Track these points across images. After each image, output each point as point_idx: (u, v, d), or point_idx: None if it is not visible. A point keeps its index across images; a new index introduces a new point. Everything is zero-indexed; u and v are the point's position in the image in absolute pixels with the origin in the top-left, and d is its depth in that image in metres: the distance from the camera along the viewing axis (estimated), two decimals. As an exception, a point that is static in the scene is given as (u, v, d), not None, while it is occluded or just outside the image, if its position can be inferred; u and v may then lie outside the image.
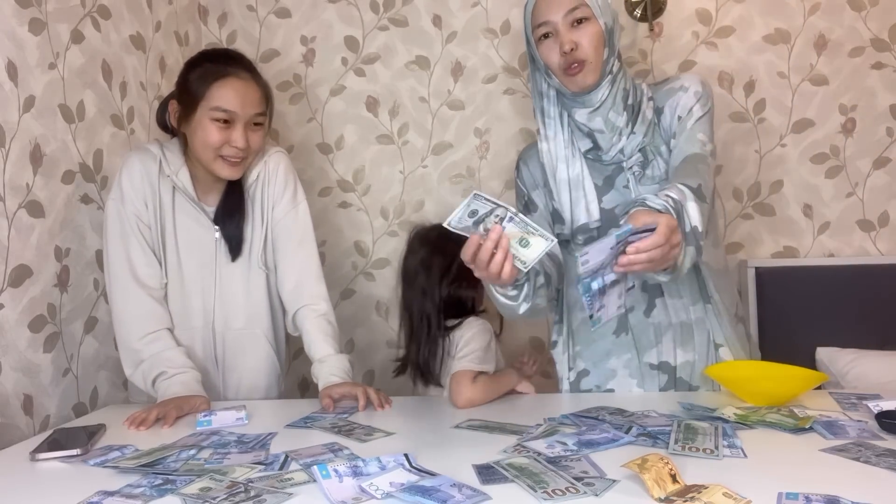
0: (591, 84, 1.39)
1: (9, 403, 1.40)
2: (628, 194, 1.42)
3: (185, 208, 1.54)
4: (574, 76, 1.38)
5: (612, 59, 1.39)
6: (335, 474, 0.98)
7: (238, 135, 1.45)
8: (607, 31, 1.38)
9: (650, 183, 1.41)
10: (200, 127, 1.45)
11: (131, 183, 1.50)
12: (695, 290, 1.45)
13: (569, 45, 1.35)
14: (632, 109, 1.41)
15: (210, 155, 1.47)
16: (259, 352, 1.61)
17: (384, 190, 2.27)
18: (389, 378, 2.26)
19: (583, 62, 1.36)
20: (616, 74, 1.40)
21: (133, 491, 0.99)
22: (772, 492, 0.90)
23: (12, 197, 1.43)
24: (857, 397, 1.35)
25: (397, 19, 2.23)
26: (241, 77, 1.47)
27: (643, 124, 1.42)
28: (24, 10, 1.47)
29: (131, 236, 1.50)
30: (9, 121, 1.43)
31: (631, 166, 1.43)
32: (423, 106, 2.24)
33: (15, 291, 1.43)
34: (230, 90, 1.45)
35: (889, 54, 2.08)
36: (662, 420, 1.23)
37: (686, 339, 1.46)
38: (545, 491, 0.91)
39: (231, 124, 1.45)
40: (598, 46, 1.36)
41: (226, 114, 1.44)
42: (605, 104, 1.40)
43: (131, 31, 1.86)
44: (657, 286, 1.44)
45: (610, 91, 1.39)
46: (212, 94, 1.44)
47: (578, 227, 1.46)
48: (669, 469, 0.92)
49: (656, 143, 1.42)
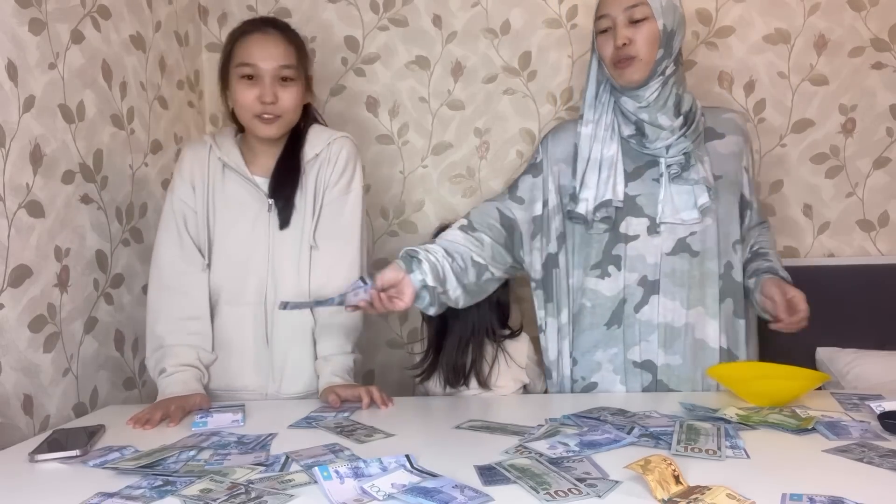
0: (638, 80, 1.42)
1: (9, 403, 1.39)
2: (655, 187, 1.46)
3: (236, 185, 1.55)
4: (622, 70, 1.42)
5: (665, 61, 1.42)
6: (336, 475, 0.97)
7: (265, 90, 1.45)
8: (665, 33, 1.40)
9: (683, 184, 1.45)
10: (234, 90, 1.49)
11: (180, 172, 1.55)
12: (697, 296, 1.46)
13: (622, 39, 1.40)
14: (685, 117, 1.45)
15: (247, 115, 1.49)
16: (306, 333, 1.55)
17: (384, 190, 2.27)
18: (390, 378, 2.27)
19: (633, 58, 1.40)
20: (669, 77, 1.43)
21: (133, 492, 0.99)
22: (775, 493, 0.90)
23: (12, 197, 1.43)
24: (858, 398, 1.35)
25: (397, 19, 2.22)
26: (265, 31, 1.49)
27: (694, 133, 1.46)
28: (24, 10, 1.47)
29: (173, 226, 1.53)
30: (9, 121, 1.42)
31: (670, 164, 1.46)
32: (423, 106, 2.24)
33: (15, 291, 1.43)
34: (251, 44, 1.47)
35: (889, 54, 2.08)
36: (664, 420, 1.23)
37: (671, 341, 1.46)
38: (547, 492, 0.91)
39: (257, 79, 1.46)
40: (651, 45, 1.40)
41: (249, 68, 1.46)
42: (655, 104, 1.43)
43: (131, 31, 1.86)
44: (655, 282, 1.46)
45: (661, 93, 1.42)
46: (236, 51, 1.48)
47: (602, 203, 1.47)
48: (672, 470, 0.92)
49: (700, 153, 1.47)
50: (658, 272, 1.45)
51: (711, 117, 1.53)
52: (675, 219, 1.45)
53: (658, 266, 1.45)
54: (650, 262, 1.46)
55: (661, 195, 1.46)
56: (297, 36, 1.55)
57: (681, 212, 1.45)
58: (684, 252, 1.45)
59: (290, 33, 1.53)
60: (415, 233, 2.25)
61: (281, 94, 1.47)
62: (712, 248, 1.46)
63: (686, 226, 1.45)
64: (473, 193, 2.23)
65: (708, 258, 1.46)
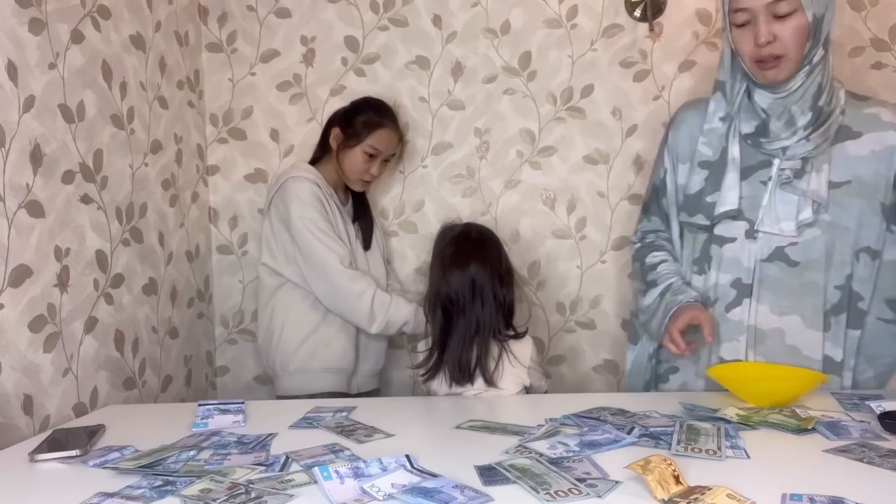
0: (783, 79, 1.31)
1: (9, 403, 1.39)
2: (761, 191, 1.38)
3: (336, 212, 1.93)
4: (766, 71, 1.31)
5: (815, 51, 1.29)
6: (336, 475, 0.97)
7: (376, 167, 1.96)
8: (814, 22, 1.26)
9: (791, 192, 1.36)
10: (354, 155, 1.93)
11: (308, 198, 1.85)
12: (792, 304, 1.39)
13: (765, 37, 1.27)
14: (818, 112, 1.33)
15: (355, 176, 1.95)
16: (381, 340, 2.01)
17: (384, 190, 2.26)
18: (390, 378, 2.27)
19: (780, 57, 1.29)
20: (815, 65, 1.30)
21: (133, 492, 0.99)
22: (776, 493, 0.90)
23: (12, 197, 1.43)
24: (858, 398, 1.35)
25: (397, 19, 2.22)
26: (392, 128, 1.99)
27: (821, 136, 1.34)
28: (24, 10, 1.47)
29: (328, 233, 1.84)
30: (9, 121, 1.42)
31: (784, 168, 1.37)
32: (423, 106, 2.24)
33: (15, 291, 1.43)
34: (384, 136, 1.95)
35: (889, 54, 2.08)
36: (664, 421, 1.23)
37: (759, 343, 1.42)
38: (547, 492, 0.91)
39: (374, 159, 1.94)
40: (800, 41, 1.27)
41: (376, 151, 1.94)
42: (794, 95, 1.32)
43: (131, 31, 1.86)
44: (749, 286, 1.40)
45: (803, 82, 1.31)
46: (372, 136, 1.93)
47: (725, 212, 1.41)
48: (672, 470, 0.92)
49: (821, 159, 1.35)
50: (752, 277, 1.40)
51: (852, 112, 1.37)
52: (774, 228, 1.38)
53: (752, 271, 1.40)
54: (745, 266, 1.41)
55: (765, 200, 1.38)
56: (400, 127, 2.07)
57: (781, 222, 1.37)
58: (780, 261, 1.39)
59: (399, 127, 2.05)
60: (415, 233, 2.25)
61: (381, 169, 2.00)
62: (818, 260, 1.37)
63: (784, 236, 1.38)
64: (473, 193, 2.23)
65: (810, 269, 1.38)
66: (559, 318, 2.22)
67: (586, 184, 2.19)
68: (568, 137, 2.19)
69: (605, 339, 2.21)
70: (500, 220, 2.22)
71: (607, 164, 2.19)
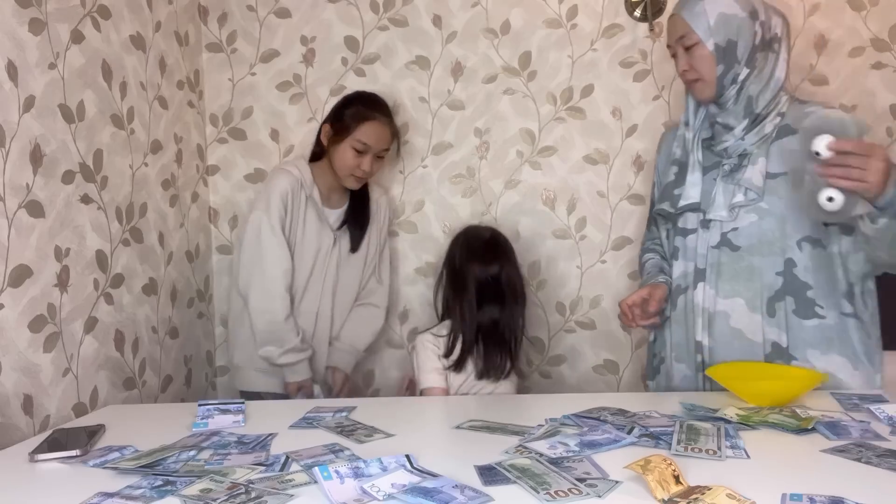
0: (709, 98, 1.53)
1: (9, 403, 1.39)
2: (713, 185, 1.54)
3: (313, 216, 1.92)
4: (692, 90, 1.56)
5: (731, 72, 1.49)
6: (336, 475, 0.97)
7: (367, 163, 1.88)
8: (719, 50, 1.48)
9: (730, 182, 1.52)
10: (343, 150, 1.87)
11: (278, 194, 1.85)
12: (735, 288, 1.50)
13: (682, 66, 1.53)
14: (754, 118, 1.51)
15: (345, 172, 1.89)
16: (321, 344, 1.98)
17: (385, 190, 2.26)
18: (390, 378, 2.27)
19: (697, 80, 1.52)
20: (743, 82, 1.49)
21: (133, 492, 0.99)
22: (776, 493, 0.90)
23: (12, 197, 1.43)
24: (858, 398, 1.35)
25: (397, 19, 2.22)
26: (382, 121, 1.90)
27: (755, 136, 1.51)
28: (24, 10, 1.47)
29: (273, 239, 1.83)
30: (9, 121, 1.42)
31: (725, 164, 1.54)
32: (423, 106, 2.24)
33: (15, 291, 1.43)
34: (372, 130, 1.87)
35: (889, 54, 2.08)
36: (664, 420, 1.23)
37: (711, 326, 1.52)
38: (547, 492, 0.91)
39: (364, 154, 1.87)
40: (709, 66, 1.49)
41: (364, 146, 1.86)
42: (727, 107, 1.52)
43: (131, 31, 1.86)
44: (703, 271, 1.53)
45: (735, 97, 1.51)
46: (359, 129, 1.86)
47: (687, 205, 1.57)
48: (672, 470, 0.92)
49: (756, 155, 1.50)
50: (705, 262, 1.53)
51: (792, 113, 1.52)
52: (717, 215, 1.53)
53: (705, 257, 1.54)
54: (700, 253, 1.55)
55: (713, 192, 1.54)
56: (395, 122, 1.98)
57: (721, 209, 1.52)
58: (725, 246, 1.52)
59: (394, 121, 1.96)
60: (415, 233, 2.25)
61: (374, 164, 1.91)
62: (755, 245, 1.49)
63: (726, 221, 1.52)
64: (473, 193, 2.23)
65: (750, 254, 1.49)
66: (559, 318, 2.22)
67: (586, 184, 2.19)
68: (568, 137, 2.19)
69: (605, 339, 2.21)
70: (500, 220, 2.22)
71: (607, 164, 2.19)
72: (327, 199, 1.96)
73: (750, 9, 1.48)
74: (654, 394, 1.57)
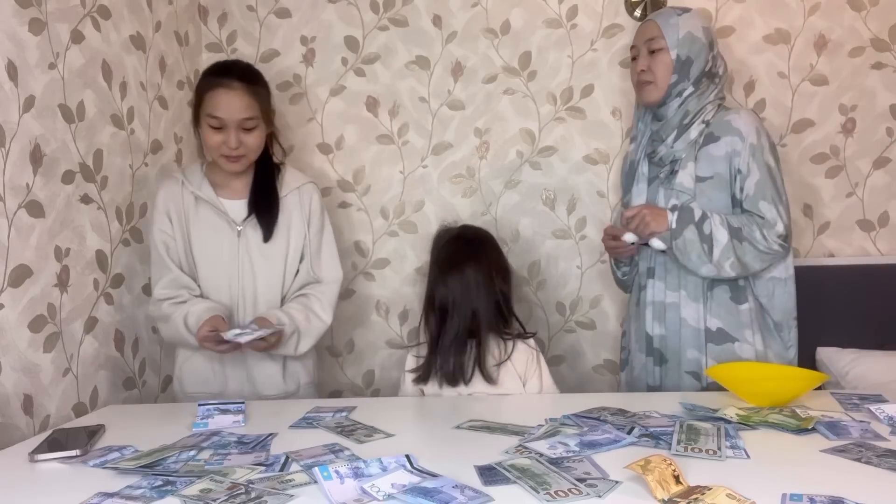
0: (655, 101, 1.68)
1: (9, 403, 1.39)
2: (655, 193, 1.71)
3: (208, 214, 1.70)
4: (641, 90, 1.70)
5: (681, 85, 1.65)
6: (336, 475, 0.98)
7: (233, 139, 1.62)
8: (679, 62, 1.64)
9: (668, 188, 1.68)
10: (203, 132, 1.66)
11: (157, 207, 1.70)
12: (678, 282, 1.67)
13: (641, 66, 1.68)
14: (682, 130, 1.68)
15: (215, 154, 1.67)
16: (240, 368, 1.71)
17: (384, 190, 2.27)
18: (390, 378, 2.27)
19: (651, 83, 1.67)
20: (686, 98, 1.66)
21: (133, 492, 0.99)
22: (776, 493, 0.90)
23: (12, 197, 1.43)
24: (858, 398, 1.35)
25: (397, 19, 2.22)
26: (230, 87, 1.62)
27: (681, 143, 1.68)
28: (24, 10, 1.47)
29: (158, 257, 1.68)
30: (9, 121, 1.42)
31: (661, 173, 1.71)
32: (423, 106, 2.24)
33: (15, 291, 1.43)
34: (217, 98, 1.62)
35: (889, 54, 2.08)
36: (664, 421, 1.23)
37: (660, 317, 1.69)
38: (547, 492, 0.91)
39: (223, 129, 1.62)
40: (665, 72, 1.65)
41: (216, 120, 1.62)
42: (666, 121, 1.69)
43: (131, 31, 1.86)
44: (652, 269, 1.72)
45: (675, 112, 1.67)
46: (205, 102, 1.63)
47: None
48: (672, 470, 0.92)
49: (685, 160, 1.66)
50: (654, 261, 1.71)
51: (716, 121, 1.66)
52: None
53: (654, 256, 1.71)
54: (649, 253, 1.72)
55: (656, 199, 1.71)
56: (259, 80, 1.69)
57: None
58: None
59: (252, 83, 1.66)
60: (415, 233, 2.25)
61: (244, 138, 1.64)
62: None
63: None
64: (473, 193, 2.23)
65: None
66: (559, 318, 2.22)
67: (586, 184, 2.19)
68: (568, 137, 2.19)
69: (605, 339, 2.21)
70: (500, 220, 2.22)
71: (607, 164, 2.19)
72: (225, 189, 1.72)
73: (710, 40, 1.68)
74: (654, 394, 1.57)
